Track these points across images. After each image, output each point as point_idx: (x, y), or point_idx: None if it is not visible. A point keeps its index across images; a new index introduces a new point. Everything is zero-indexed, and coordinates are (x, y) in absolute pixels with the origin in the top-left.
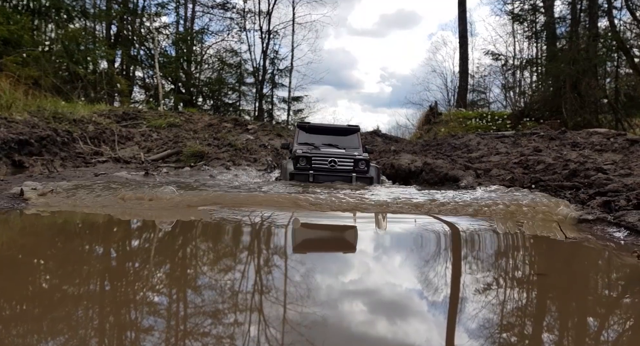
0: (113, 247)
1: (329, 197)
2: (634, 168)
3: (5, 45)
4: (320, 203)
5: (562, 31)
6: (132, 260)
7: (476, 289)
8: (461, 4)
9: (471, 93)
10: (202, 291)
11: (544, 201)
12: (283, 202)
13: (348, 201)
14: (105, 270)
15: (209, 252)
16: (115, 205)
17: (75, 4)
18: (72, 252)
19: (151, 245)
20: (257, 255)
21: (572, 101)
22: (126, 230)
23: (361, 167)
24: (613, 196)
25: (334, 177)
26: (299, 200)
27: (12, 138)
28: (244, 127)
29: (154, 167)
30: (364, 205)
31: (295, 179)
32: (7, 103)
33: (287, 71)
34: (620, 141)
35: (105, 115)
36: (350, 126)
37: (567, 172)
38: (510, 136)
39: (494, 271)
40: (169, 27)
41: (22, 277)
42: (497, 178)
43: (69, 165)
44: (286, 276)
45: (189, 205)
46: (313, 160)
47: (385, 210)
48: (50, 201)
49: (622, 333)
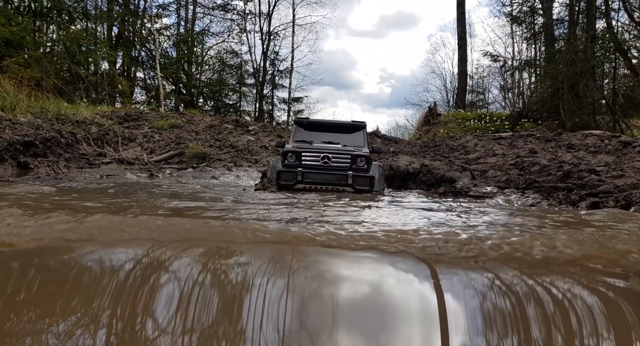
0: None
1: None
2: (625, 169)
3: (7, 47)
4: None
5: (560, 33)
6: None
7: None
8: (460, 5)
9: (470, 94)
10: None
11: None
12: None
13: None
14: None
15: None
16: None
17: (77, 6)
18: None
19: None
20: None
21: (570, 102)
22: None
23: (360, 164)
24: (604, 197)
25: (327, 175)
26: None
27: (17, 139)
28: (244, 128)
29: (158, 168)
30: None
31: (281, 178)
32: (11, 105)
33: (288, 72)
34: (614, 143)
35: (107, 117)
36: (355, 122)
37: (561, 173)
38: (507, 137)
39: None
40: (170, 28)
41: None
42: (492, 179)
43: (73, 166)
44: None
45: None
46: (303, 156)
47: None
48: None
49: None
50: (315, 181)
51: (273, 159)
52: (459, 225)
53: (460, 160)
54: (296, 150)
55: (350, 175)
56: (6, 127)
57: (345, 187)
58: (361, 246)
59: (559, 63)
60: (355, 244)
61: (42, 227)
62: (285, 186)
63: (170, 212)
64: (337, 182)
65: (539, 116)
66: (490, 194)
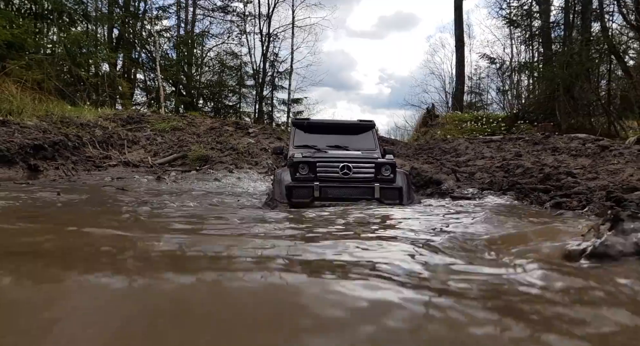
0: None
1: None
2: (600, 172)
3: (8, 49)
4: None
5: (556, 35)
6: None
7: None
8: (457, 8)
9: (469, 95)
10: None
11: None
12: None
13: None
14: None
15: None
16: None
17: (78, 8)
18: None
19: None
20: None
21: (566, 104)
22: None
23: (385, 173)
24: (574, 197)
25: (349, 189)
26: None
27: (27, 143)
28: (245, 130)
29: (163, 171)
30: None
31: (294, 195)
32: (19, 109)
33: (287, 73)
34: (593, 146)
35: (110, 119)
36: (362, 121)
37: (541, 175)
38: (497, 140)
39: None
40: (170, 30)
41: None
42: (477, 181)
43: (80, 168)
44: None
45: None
46: (319, 167)
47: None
48: None
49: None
50: (336, 196)
51: (278, 171)
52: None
53: (451, 163)
54: (309, 160)
55: (377, 187)
56: (15, 131)
57: (371, 201)
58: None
59: (555, 65)
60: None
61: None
62: (300, 204)
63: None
64: (362, 197)
65: (535, 118)
66: (469, 195)
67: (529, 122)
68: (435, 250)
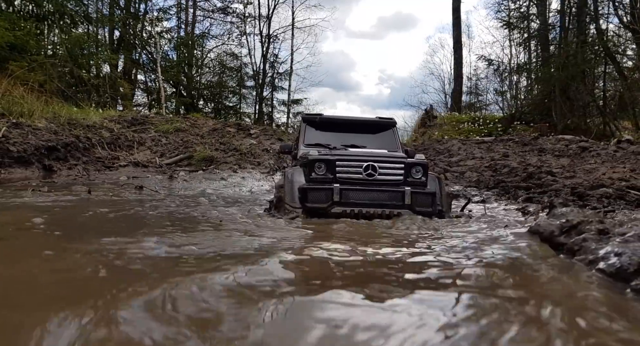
0: None
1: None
2: (577, 171)
3: (11, 51)
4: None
5: (552, 37)
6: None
7: None
8: (456, 10)
9: (468, 96)
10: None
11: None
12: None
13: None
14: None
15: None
16: None
17: (79, 9)
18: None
19: None
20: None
21: (562, 105)
22: None
23: (416, 176)
24: (551, 195)
25: (375, 194)
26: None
27: (42, 144)
28: (246, 131)
29: (172, 171)
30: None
31: (309, 199)
32: (29, 112)
33: (287, 74)
34: (574, 147)
35: (115, 121)
36: (382, 119)
37: (525, 174)
38: (488, 142)
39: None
40: (170, 31)
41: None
42: (465, 180)
43: (91, 168)
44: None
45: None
46: (338, 166)
47: None
48: None
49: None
50: (359, 201)
51: (289, 171)
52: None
53: (444, 163)
54: (328, 157)
55: (408, 191)
56: (28, 133)
57: (400, 208)
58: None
59: (551, 67)
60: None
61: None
62: (316, 210)
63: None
64: (389, 203)
65: (531, 118)
66: (455, 192)
67: (525, 123)
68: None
